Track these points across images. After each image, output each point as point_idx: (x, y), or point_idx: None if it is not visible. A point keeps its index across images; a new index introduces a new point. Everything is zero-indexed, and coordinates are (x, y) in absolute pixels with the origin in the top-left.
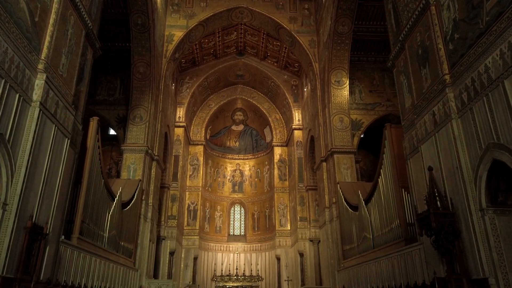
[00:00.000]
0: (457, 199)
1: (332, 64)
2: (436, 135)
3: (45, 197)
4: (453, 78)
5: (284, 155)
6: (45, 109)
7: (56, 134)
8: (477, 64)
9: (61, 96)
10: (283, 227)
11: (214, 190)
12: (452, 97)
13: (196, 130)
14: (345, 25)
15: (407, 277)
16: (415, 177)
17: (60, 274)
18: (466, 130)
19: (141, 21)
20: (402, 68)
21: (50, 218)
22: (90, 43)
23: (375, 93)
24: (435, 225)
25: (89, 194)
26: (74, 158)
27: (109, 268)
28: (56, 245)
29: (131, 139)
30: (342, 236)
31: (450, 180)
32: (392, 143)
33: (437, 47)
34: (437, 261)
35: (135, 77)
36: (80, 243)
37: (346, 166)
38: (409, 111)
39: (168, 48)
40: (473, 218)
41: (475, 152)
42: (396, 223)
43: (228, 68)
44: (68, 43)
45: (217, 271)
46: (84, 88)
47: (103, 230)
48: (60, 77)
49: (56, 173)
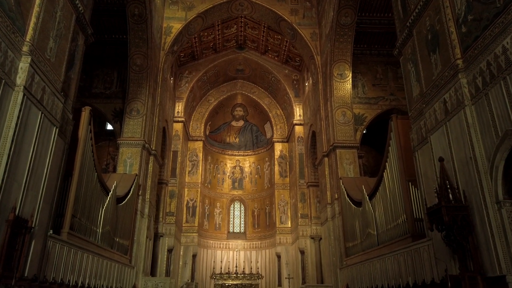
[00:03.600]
0: (471, 191)
1: (335, 56)
2: (447, 124)
3: (30, 188)
4: (466, 62)
5: (284, 151)
6: (29, 94)
7: (42, 122)
8: (493, 45)
9: (48, 82)
10: (283, 224)
11: (214, 187)
12: (465, 82)
13: (195, 126)
14: (348, 16)
15: (414, 274)
16: (424, 170)
17: (48, 271)
18: (480, 117)
19: (138, 12)
20: (409, 56)
21: (36, 211)
22: (82, 29)
23: (379, 87)
24: (447, 219)
25: (80, 187)
26: (64, 149)
27: (103, 265)
28: (43, 239)
29: (127, 133)
30: (345, 233)
31: (463, 171)
32: (398, 135)
33: (449, 31)
34: (448, 257)
35: (132, 69)
36: (71, 238)
37: (348, 161)
38: (417, 100)
39: (166, 40)
40: (488, 212)
41: (491, 141)
42: (403, 218)
43: (228, 63)
44: (56, 26)
45: (216, 269)
46: (75, 75)
47: (96, 226)
48: (47, 61)
49: (43, 163)
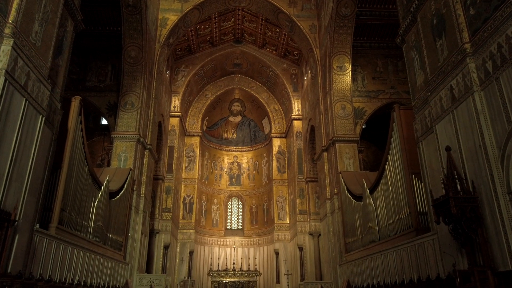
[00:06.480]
0: (480, 182)
1: (334, 48)
2: (454, 112)
3: (13, 179)
4: (475, 46)
5: (283, 147)
6: (12, 79)
7: (26, 109)
8: (505, 27)
9: (33, 67)
10: (282, 220)
11: (211, 183)
12: (473, 67)
13: (192, 121)
14: (348, 7)
15: (418, 270)
16: (428, 161)
17: (35, 267)
18: (490, 103)
19: (133, 2)
20: (413, 43)
21: (20, 204)
22: (71, 14)
23: (379, 80)
24: (455, 210)
25: (70, 180)
26: (51, 139)
27: (95, 262)
28: (29, 234)
29: (122, 127)
30: (345, 228)
31: (471, 160)
32: (401, 125)
33: (456, 14)
34: (455, 252)
35: (126, 62)
36: (59, 233)
37: (348, 156)
38: (421, 88)
39: (162, 32)
40: (499, 203)
41: (502, 128)
42: (406, 212)
43: (225, 56)
44: (42, 9)
45: (214, 266)
46: (64, 63)
47: (88, 221)
48: (32, 46)
49: (27, 152)
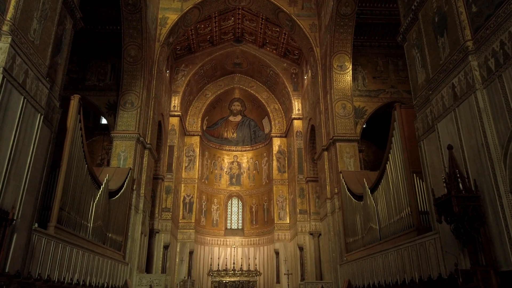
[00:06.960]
0: (483, 181)
1: (335, 47)
2: (456, 110)
3: (11, 177)
4: (477, 44)
5: (283, 146)
6: (10, 76)
7: (25, 107)
8: (507, 24)
9: (31, 65)
10: (282, 220)
11: (211, 183)
12: (475, 65)
13: (192, 120)
14: (348, 6)
15: (419, 270)
16: (430, 160)
17: (34, 266)
18: (493, 101)
19: (132, 1)
20: (414, 41)
21: (18, 203)
22: (70, 12)
23: (379, 79)
24: (457, 209)
25: (69, 180)
26: (50, 138)
27: (94, 261)
28: (27, 233)
29: (121, 126)
30: (345, 228)
31: (474, 159)
32: (402, 124)
33: (458, 11)
34: (457, 251)
35: (126, 61)
36: (58, 233)
37: (349, 155)
38: (422, 87)
39: (162, 31)
40: (502, 202)
41: (505, 126)
42: (407, 211)
43: (225, 56)
44: (41, 7)
45: (214, 266)
46: (63, 61)
47: (87, 220)
48: (30, 43)
49: (26, 151)
